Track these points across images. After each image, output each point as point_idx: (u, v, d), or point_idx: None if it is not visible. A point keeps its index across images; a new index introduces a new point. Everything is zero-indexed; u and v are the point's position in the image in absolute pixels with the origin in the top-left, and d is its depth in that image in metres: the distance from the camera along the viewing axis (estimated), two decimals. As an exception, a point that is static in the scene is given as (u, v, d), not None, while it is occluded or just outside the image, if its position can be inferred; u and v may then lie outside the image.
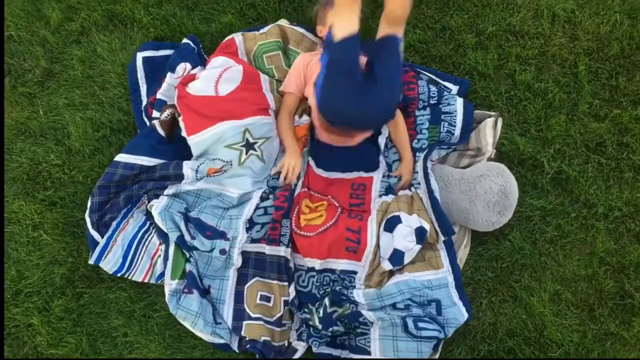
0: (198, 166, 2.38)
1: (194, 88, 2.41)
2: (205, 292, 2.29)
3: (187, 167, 2.38)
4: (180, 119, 2.43)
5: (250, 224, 2.33)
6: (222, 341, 2.24)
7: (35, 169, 2.55)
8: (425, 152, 2.39)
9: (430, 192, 2.28)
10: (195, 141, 2.39)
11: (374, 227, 2.28)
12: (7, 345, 2.31)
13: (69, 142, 2.57)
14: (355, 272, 2.29)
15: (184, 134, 2.41)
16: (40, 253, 2.42)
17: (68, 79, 2.68)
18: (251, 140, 2.38)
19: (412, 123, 2.47)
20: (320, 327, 2.20)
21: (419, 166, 2.36)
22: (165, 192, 2.36)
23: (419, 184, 2.33)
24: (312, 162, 2.47)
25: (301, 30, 2.60)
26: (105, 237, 2.34)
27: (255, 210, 2.35)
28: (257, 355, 2.23)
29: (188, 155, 2.44)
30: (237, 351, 2.25)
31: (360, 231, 2.28)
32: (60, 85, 2.68)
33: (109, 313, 2.34)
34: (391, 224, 2.25)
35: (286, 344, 2.27)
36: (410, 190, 2.35)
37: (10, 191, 2.52)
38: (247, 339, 2.23)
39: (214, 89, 2.39)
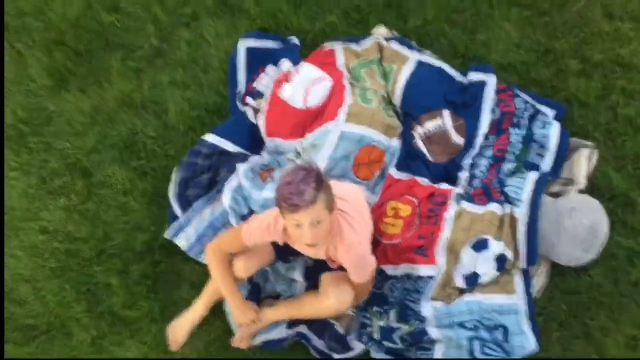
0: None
1: (285, 94, 2.52)
2: None
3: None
4: (264, 114, 2.56)
5: None
6: None
7: (132, 139, 2.68)
8: (539, 175, 2.29)
9: (533, 221, 2.19)
10: (267, 141, 2.56)
11: (451, 221, 2.27)
12: (84, 300, 2.44)
13: (167, 117, 2.70)
14: (431, 277, 2.26)
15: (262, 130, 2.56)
16: (127, 218, 2.55)
17: (174, 58, 2.81)
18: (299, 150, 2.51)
19: (505, 139, 2.42)
20: (377, 337, 2.21)
21: (528, 187, 2.25)
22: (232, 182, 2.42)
23: (521, 201, 2.23)
24: (391, 171, 2.48)
25: (395, 46, 2.61)
26: (184, 216, 2.44)
27: None
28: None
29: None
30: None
31: (432, 235, 2.27)
32: (167, 64, 2.81)
33: (181, 284, 2.43)
34: (478, 247, 2.22)
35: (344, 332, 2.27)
36: (503, 206, 2.26)
37: (107, 156, 2.66)
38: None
39: (303, 100, 2.50)
